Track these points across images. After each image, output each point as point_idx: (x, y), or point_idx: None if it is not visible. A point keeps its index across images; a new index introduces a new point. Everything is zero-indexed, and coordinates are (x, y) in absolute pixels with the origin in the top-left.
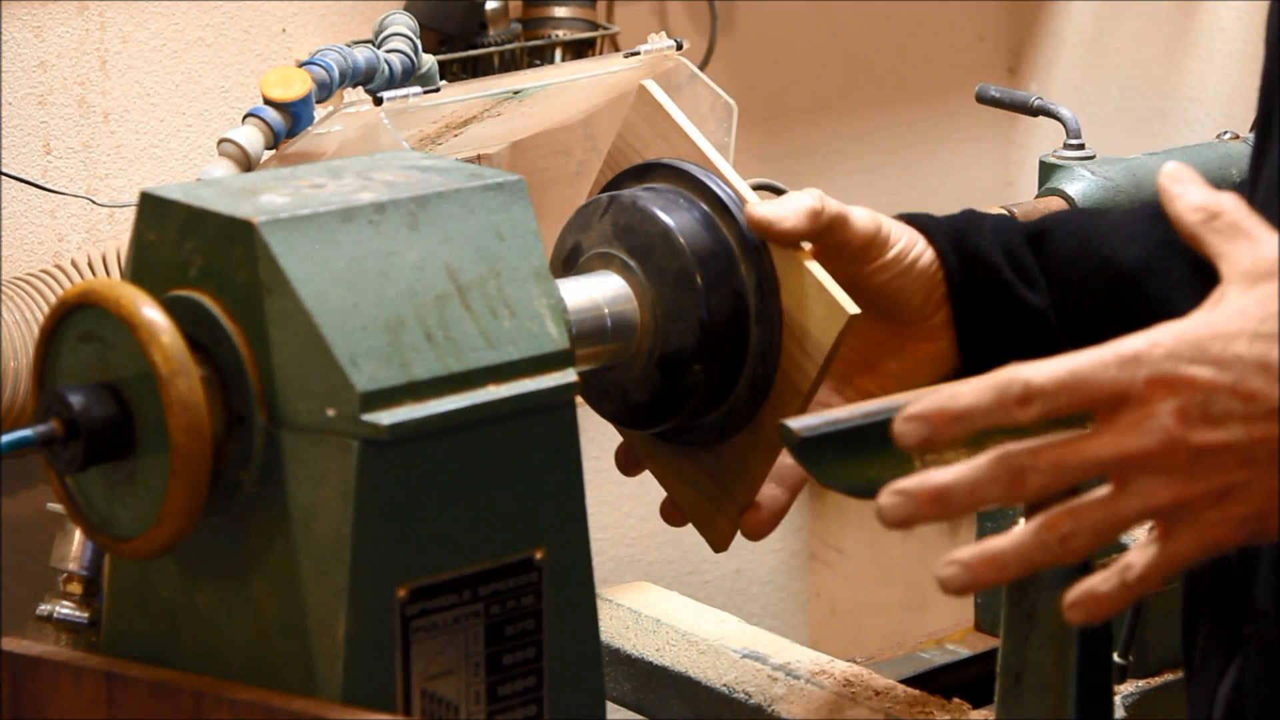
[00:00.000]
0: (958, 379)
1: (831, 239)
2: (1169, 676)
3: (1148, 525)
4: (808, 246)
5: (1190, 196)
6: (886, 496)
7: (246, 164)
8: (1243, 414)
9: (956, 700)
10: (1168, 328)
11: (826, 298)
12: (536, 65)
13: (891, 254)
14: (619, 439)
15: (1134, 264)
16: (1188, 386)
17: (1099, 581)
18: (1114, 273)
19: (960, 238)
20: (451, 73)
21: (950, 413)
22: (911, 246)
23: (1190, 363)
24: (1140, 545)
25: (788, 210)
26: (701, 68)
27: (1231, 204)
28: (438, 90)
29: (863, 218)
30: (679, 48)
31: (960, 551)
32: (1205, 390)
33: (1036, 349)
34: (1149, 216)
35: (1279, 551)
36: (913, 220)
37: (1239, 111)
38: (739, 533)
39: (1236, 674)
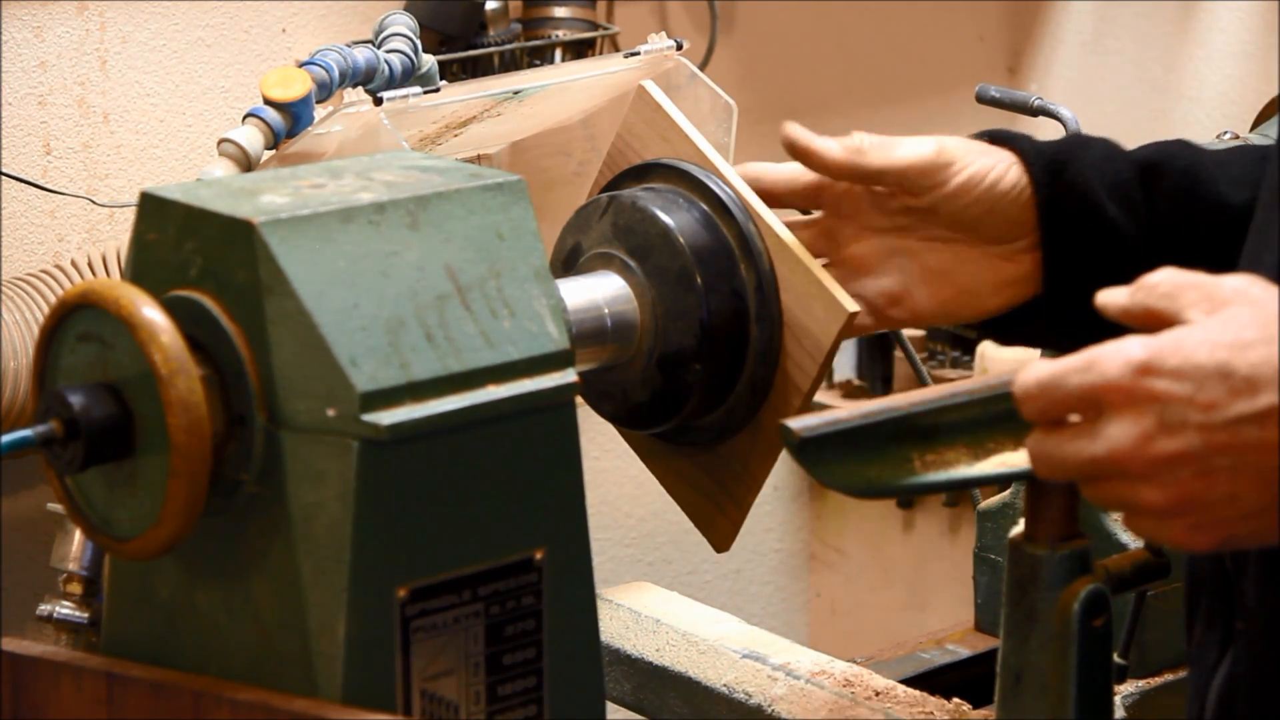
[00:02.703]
0: (1039, 305)
1: (867, 170)
2: (1169, 676)
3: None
4: (810, 216)
5: (1119, 292)
6: None
7: (246, 164)
8: (1200, 423)
9: (956, 700)
10: (1137, 338)
11: (826, 296)
12: (536, 65)
13: (960, 180)
14: (619, 439)
15: (1242, 208)
16: (1144, 397)
17: None
18: (1224, 215)
19: (1059, 170)
20: (451, 73)
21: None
22: (988, 171)
23: (1148, 374)
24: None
25: (831, 141)
26: (701, 68)
27: (1163, 274)
28: (438, 90)
29: (908, 147)
30: (679, 48)
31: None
32: (1162, 400)
33: (1127, 279)
34: (1254, 159)
35: (1266, 548)
36: (1008, 141)
37: (1239, 111)
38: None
39: (1229, 667)
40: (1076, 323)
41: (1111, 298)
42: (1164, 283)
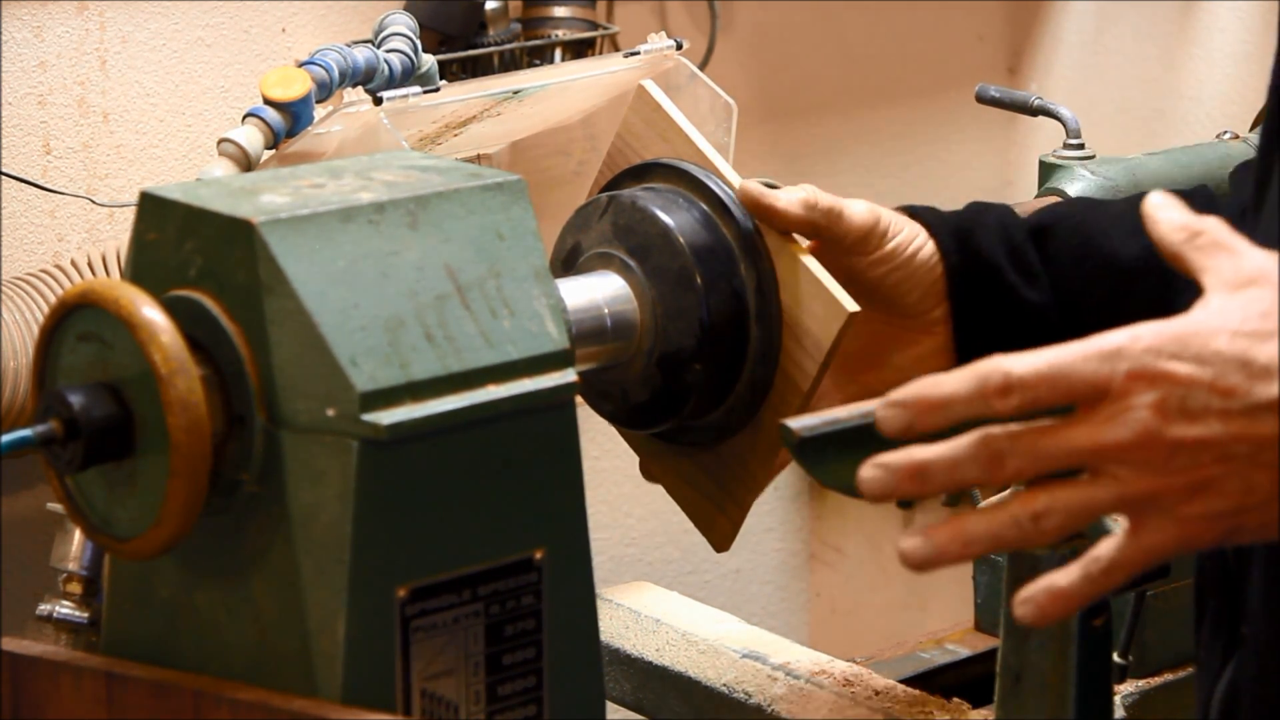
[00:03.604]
0: None
1: (829, 232)
2: (1169, 676)
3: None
4: (805, 243)
5: (1173, 218)
6: (868, 469)
7: (246, 164)
8: (1220, 409)
9: (956, 700)
10: (1151, 324)
11: (826, 296)
12: (536, 65)
13: (890, 246)
14: (619, 439)
15: (1135, 261)
16: (1167, 380)
17: (1059, 576)
18: (1116, 270)
19: (965, 237)
20: (451, 73)
21: (930, 400)
22: (911, 240)
23: (1170, 358)
24: (1111, 538)
25: (782, 194)
26: (701, 68)
27: (1214, 224)
28: (438, 90)
29: (860, 210)
30: (679, 48)
31: (927, 526)
32: (1184, 385)
33: (1036, 345)
34: None
35: (1270, 552)
36: (916, 214)
37: (1239, 111)
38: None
39: (1232, 672)
40: None
41: (1159, 225)
42: (1205, 237)
